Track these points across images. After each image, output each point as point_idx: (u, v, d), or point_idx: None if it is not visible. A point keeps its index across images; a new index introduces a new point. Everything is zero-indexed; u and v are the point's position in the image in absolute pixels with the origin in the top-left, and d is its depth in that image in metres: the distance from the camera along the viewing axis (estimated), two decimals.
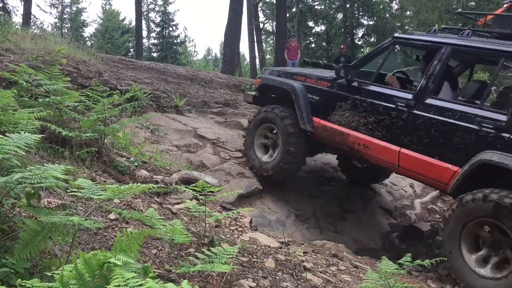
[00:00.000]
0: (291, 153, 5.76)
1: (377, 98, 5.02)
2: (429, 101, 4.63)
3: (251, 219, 4.30)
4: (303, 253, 3.76)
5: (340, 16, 30.80)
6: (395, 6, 29.04)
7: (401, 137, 4.77)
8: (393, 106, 4.85)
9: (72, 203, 2.74)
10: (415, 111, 4.67)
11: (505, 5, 5.24)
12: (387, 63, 5.52)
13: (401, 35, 5.54)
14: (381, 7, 27.15)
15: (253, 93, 6.69)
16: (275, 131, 6.02)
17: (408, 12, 27.20)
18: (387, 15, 28.01)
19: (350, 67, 5.37)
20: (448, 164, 4.41)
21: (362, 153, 5.15)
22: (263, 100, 6.46)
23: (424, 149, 4.59)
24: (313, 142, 5.83)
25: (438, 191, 6.96)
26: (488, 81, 4.94)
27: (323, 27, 31.42)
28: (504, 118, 4.10)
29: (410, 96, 4.78)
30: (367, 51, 25.53)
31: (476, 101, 4.76)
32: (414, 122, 4.67)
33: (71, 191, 2.21)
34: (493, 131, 4.13)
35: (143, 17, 24.89)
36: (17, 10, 21.84)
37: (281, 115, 5.86)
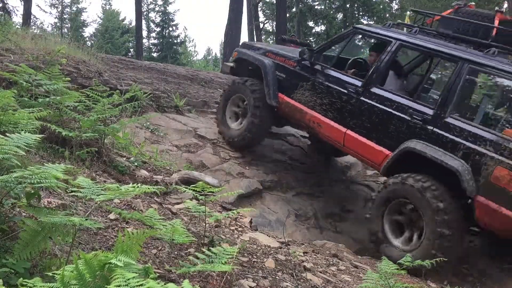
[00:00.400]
0: (255, 125, 6.25)
1: (333, 82, 5.49)
2: (374, 90, 5.11)
3: (251, 219, 4.30)
4: (303, 253, 3.76)
5: (340, 16, 30.76)
6: (395, 6, 29.03)
7: (348, 119, 5.27)
8: (345, 91, 5.34)
9: (72, 203, 2.74)
10: (361, 98, 5.17)
11: (456, 7, 5.53)
12: (356, 50, 5.78)
13: (360, 26, 6.03)
14: (381, 7, 27.13)
15: (231, 64, 7.12)
16: (245, 102, 6.44)
17: (408, 12, 27.19)
18: (387, 15, 27.99)
19: (314, 51, 5.78)
20: (382, 148, 4.94)
21: (316, 130, 5.70)
22: (240, 71, 6.87)
23: (366, 132, 5.10)
24: (278, 116, 6.30)
25: None
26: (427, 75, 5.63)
27: (323, 27, 31.40)
28: (430, 112, 4.62)
29: (359, 84, 5.25)
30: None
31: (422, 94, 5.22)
32: (360, 107, 5.16)
33: (71, 191, 2.21)
34: (421, 122, 4.65)
35: (143, 17, 24.91)
36: (17, 10, 21.82)
37: (251, 88, 6.28)
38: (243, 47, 6.95)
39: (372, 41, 6.13)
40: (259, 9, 29.45)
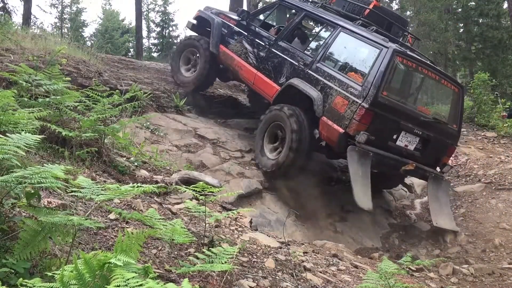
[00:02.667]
0: (204, 70, 7.88)
1: (257, 37, 7.24)
2: (281, 43, 6.87)
3: (251, 219, 4.30)
4: (303, 253, 3.76)
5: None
6: (395, 6, 29.01)
7: (259, 64, 7.00)
8: (262, 43, 7.10)
9: (72, 203, 2.74)
10: (271, 48, 6.91)
11: None
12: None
13: None
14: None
15: (193, 21, 8.52)
16: (197, 55, 8.08)
17: (408, 12, 27.18)
18: None
19: (250, 14, 7.69)
20: (276, 84, 6.62)
21: (238, 73, 7.38)
22: (201, 31, 8.32)
23: (268, 73, 6.82)
24: (219, 65, 7.95)
25: None
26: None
27: None
28: (309, 59, 6.36)
29: (272, 38, 7.01)
30: None
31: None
32: (269, 55, 6.90)
33: (71, 191, 2.21)
34: (302, 66, 6.35)
35: (143, 17, 24.89)
36: (17, 10, 21.83)
37: (201, 43, 7.95)
38: (205, 9, 8.40)
39: (293, 11, 7.82)
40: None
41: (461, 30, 25.38)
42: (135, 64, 9.77)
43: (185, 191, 2.99)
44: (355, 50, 6.33)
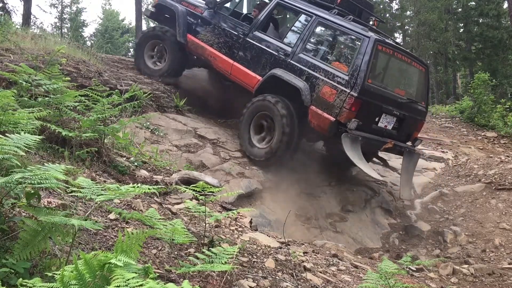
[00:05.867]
0: (172, 61, 7.94)
1: (228, 26, 7.30)
2: (256, 33, 6.98)
3: (251, 219, 4.30)
4: (303, 253, 3.75)
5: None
6: (395, 6, 29.01)
7: (235, 54, 7.08)
8: (235, 33, 7.17)
9: (72, 203, 2.74)
10: (246, 38, 7.00)
11: None
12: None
13: None
14: (381, 7, 27.12)
15: (152, 9, 8.58)
16: (161, 45, 8.07)
17: (408, 12, 27.17)
18: (387, 15, 27.98)
19: (217, 2, 7.58)
20: (256, 75, 6.74)
21: (212, 63, 7.47)
22: (159, 18, 8.41)
23: (246, 63, 6.92)
24: (187, 54, 7.98)
25: (438, 191, 7.33)
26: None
27: None
28: (290, 49, 6.53)
29: (246, 28, 7.09)
30: None
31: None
32: (244, 45, 6.99)
33: (71, 191, 2.21)
34: (283, 56, 6.53)
35: (143, 17, 24.88)
36: (17, 10, 21.81)
37: (167, 34, 7.88)
38: None
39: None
40: None
41: (461, 30, 25.38)
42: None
43: (185, 191, 2.98)
44: (337, 40, 6.71)
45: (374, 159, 7.45)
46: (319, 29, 6.67)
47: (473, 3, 24.69)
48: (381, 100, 6.10)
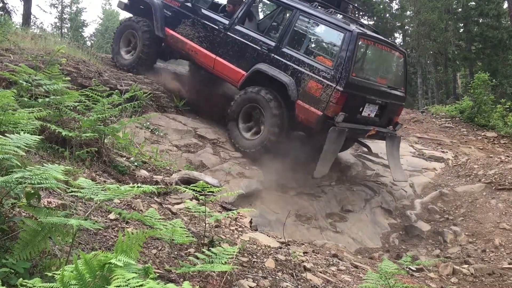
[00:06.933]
0: (145, 53, 7.84)
1: (208, 20, 7.26)
2: (237, 27, 6.96)
3: (251, 219, 4.30)
4: (303, 253, 3.75)
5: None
6: (395, 6, 29.00)
7: (217, 48, 7.07)
8: (216, 27, 7.13)
9: (72, 203, 2.74)
10: (227, 32, 7.00)
11: None
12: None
13: None
14: (381, 7, 27.10)
15: (125, 1, 8.40)
16: (135, 37, 8.01)
17: (408, 12, 27.17)
18: (387, 15, 27.97)
19: None
20: (240, 69, 6.78)
21: (193, 57, 7.46)
22: (134, 10, 8.28)
23: (229, 58, 6.93)
24: (164, 47, 7.94)
25: (438, 191, 7.32)
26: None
27: None
28: (273, 43, 6.59)
29: (227, 22, 7.06)
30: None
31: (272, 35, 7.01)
32: (226, 39, 6.99)
33: (71, 191, 2.21)
34: (266, 51, 6.58)
35: None
36: (17, 10, 21.80)
37: (140, 24, 7.81)
38: None
39: None
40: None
41: (461, 30, 25.37)
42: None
43: (185, 191, 2.98)
44: (320, 34, 6.93)
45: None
46: (301, 23, 6.74)
47: (473, 3, 24.68)
48: (364, 91, 6.31)
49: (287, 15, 6.88)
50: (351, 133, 6.22)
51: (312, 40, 6.95)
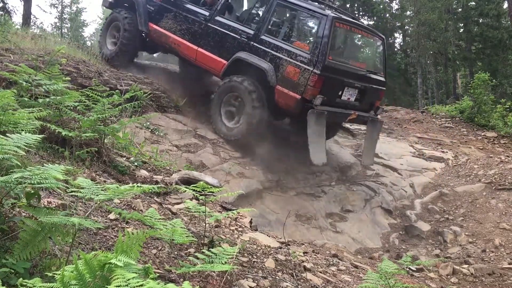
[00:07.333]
0: (124, 44, 8.11)
1: (189, 13, 7.47)
2: (217, 18, 7.16)
3: (251, 219, 4.29)
4: (303, 253, 3.75)
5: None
6: (395, 6, 29.01)
7: (199, 40, 7.27)
8: (197, 19, 7.33)
9: (72, 203, 2.74)
10: (208, 24, 7.20)
11: None
12: None
13: None
14: (381, 7, 27.10)
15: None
16: (120, 29, 8.25)
17: (408, 12, 27.17)
18: (387, 15, 27.97)
19: None
20: (221, 59, 6.94)
21: (177, 49, 7.68)
22: (118, 6, 8.54)
23: (210, 48, 7.12)
24: (148, 41, 8.16)
25: (438, 191, 7.34)
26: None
27: None
28: (252, 32, 6.76)
29: (207, 14, 7.26)
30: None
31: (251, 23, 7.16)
32: (207, 30, 7.19)
33: (71, 191, 2.21)
34: (246, 39, 6.75)
35: None
36: (17, 10, 21.79)
37: (123, 17, 8.10)
38: None
39: None
40: None
41: (461, 30, 25.36)
42: (135, 64, 9.74)
43: (185, 191, 2.98)
44: (296, 21, 7.15)
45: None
46: (278, 10, 6.98)
47: (473, 3, 24.68)
48: (342, 75, 6.45)
49: (265, 3, 7.02)
50: (331, 116, 6.35)
51: (289, 27, 7.11)
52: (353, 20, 6.98)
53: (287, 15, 7.16)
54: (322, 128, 6.20)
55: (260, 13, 7.11)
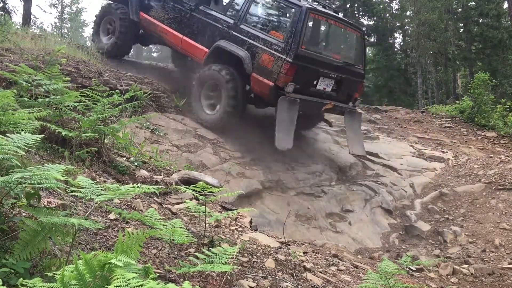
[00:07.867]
0: (121, 33, 8.44)
1: (175, 2, 7.86)
2: (201, 7, 7.54)
3: (251, 219, 4.30)
4: (303, 253, 3.75)
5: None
6: (395, 6, 28.99)
7: (184, 29, 7.64)
8: (183, 8, 7.73)
9: (72, 203, 2.73)
10: (193, 13, 7.57)
11: None
12: None
13: None
14: (381, 7, 27.09)
15: None
16: (114, 21, 8.57)
17: (408, 12, 27.16)
18: (387, 15, 27.96)
19: None
20: (203, 47, 7.27)
21: (164, 38, 8.04)
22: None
23: (194, 37, 7.47)
24: (139, 30, 8.60)
25: (438, 191, 7.32)
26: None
27: None
28: (232, 21, 7.05)
29: (193, 4, 7.63)
30: (368, 51, 25.55)
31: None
32: (192, 19, 7.55)
33: (71, 191, 2.21)
34: (226, 28, 7.04)
35: None
36: (17, 10, 21.77)
37: (116, 8, 8.48)
38: None
39: None
40: None
41: (461, 30, 25.35)
42: (135, 64, 9.75)
43: (185, 191, 2.98)
44: (273, 11, 7.47)
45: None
46: (257, 1, 7.30)
47: (473, 3, 24.67)
48: (317, 64, 6.60)
49: None
50: (304, 105, 6.48)
51: (266, 16, 7.46)
52: (330, 12, 7.17)
53: (265, 5, 7.46)
54: (293, 115, 6.31)
55: (241, 3, 7.33)
